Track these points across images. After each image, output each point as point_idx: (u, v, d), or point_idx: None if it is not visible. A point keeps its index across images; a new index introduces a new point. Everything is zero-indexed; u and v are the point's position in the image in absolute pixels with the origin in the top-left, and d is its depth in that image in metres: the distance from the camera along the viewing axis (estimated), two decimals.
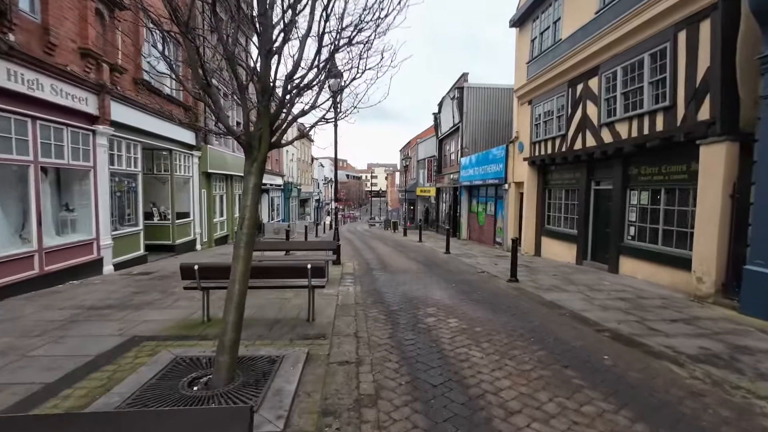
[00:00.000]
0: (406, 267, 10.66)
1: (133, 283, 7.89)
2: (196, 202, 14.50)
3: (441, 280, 8.72)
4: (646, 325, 5.31)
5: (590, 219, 10.77)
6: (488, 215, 18.63)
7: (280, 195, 29.95)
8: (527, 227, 13.77)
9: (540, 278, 8.92)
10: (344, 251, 14.58)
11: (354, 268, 10.20)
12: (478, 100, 21.20)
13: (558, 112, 11.70)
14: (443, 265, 11.21)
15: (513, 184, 14.99)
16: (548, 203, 13.09)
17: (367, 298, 6.90)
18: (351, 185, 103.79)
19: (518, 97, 14.17)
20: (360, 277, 8.92)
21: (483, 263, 11.46)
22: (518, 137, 14.45)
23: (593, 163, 10.45)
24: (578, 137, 10.64)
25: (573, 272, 9.79)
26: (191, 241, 14.13)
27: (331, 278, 8.51)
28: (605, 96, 9.50)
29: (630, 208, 9.21)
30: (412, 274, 9.41)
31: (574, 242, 11.31)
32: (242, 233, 3.44)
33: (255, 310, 5.77)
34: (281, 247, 8.84)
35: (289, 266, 5.26)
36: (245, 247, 3.43)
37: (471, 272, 9.89)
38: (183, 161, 13.53)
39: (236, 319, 3.34)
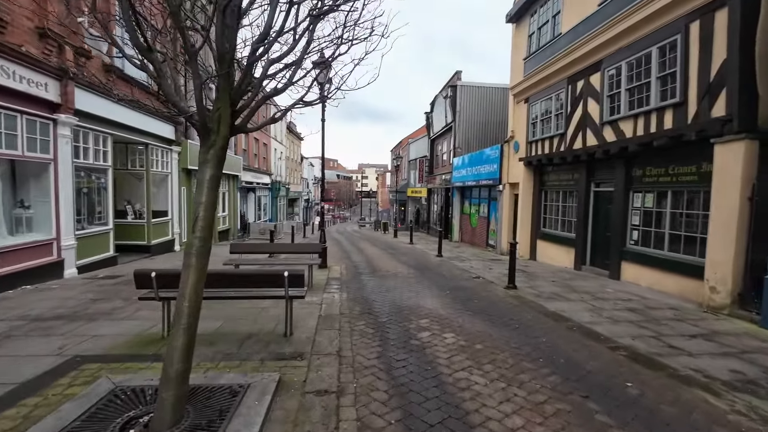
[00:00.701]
0: (397, 271, 10.04)
1: (94, 289, 7.12)
2: (175, 201, 13.68)
3: (434, 286, 8.12)
4: (665, 342, 4.77)
5: (589, 222, 10.29)
6: (481, 217, 18.13)
7: (268, 194, 29.11)
8: (522, 230, 13.27)
9: (539, 285, 8.38)
10: (332, 253, 13.91)
11: (341, 273, 9.55)
12: (472, 99, 20.71)
13: (557, 110, 11.21)
14: (435, 269, 10.62)
15: (508, 185, 14.49)
16: (544, 205, 12.60)
17: (353, 307, 6.25)
18: (341, 185, 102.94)
19: (514, 95, 13.68)
20: (347, 283, 8.27)
21: (477, 267, 10.89)
22: (514, 137, 13.95)
23: (594, 164, 9.97)
24: (578, 136, 10.15)
25: (573, 278, 9.27)
26: (169, 241, 13.31)
27: (316, 284, 7.86)
28: (608, 93, 9.02)
29: (633, 211, 8.73)
30: (403, 280, 8.79)
31: (572, 246, 10.82)
32: (194, 237, 2.78)
33: (225, 323, 5.09)
34: (262, 249, 8.14)
35: (263, 274, 4.59)
36: (198, 255, 2.77)
37: (465, 277, 9.31)
38: (161, 156, 12.72)
39: (186, 343, 2.67)
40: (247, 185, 23.43)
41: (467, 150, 20.38)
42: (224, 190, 19.20)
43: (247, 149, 23.22)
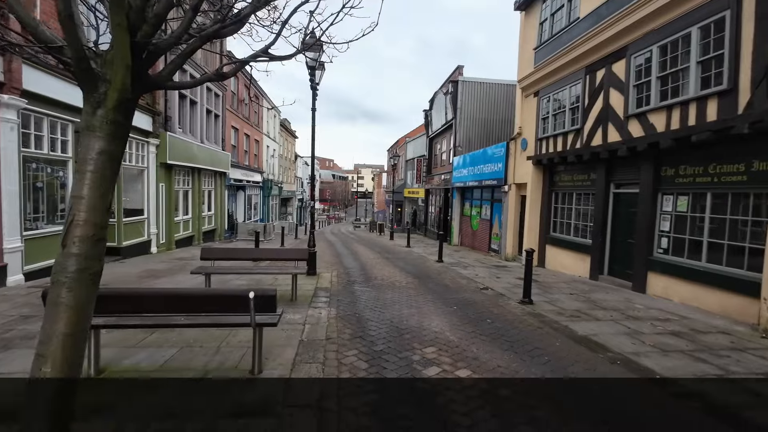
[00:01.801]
0: (395, 280, 8.96)
1: (34, 301, 5.97)
2: (152, 198, 12.51)
3: (438, 299, 7.05)
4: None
5: (608, 227, 9.28)
6: (483, 219, 17.11)
7: (259, 193, 27.91)
8: (530, 234, 12.25)
9: (557, 299, 7.34)
10: (323, 257, 12.80)
11: (332, 281, 8.45)
12: (474, 96, 19.70)
13: (572, 104, 10.20)
14: (437, 277, 9.55)
15: (514, 185, 13.46)
16: (555, 208, 11.58)
17: (344, 328, 5.16)
18: (337, 186, 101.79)
19: (522, 89, 12.66)
20: (337, 295, 7.17)
21: (483, 276, 9.84)
22: (521, 133, 12.94)
23: (614, 162, 8.96)
24: (597, 132, 9.14)
25: (592, 290, 8.25)
26: (144, 242, 12.13)
27: (301, 296, 6.77)
28: (635, 82, 8.01)
29: (662, 216, 7.72)
30: (402, 291, 7.71)
31: (587, 253, 9.81)
32: (67, 256, 1.67)
33: (179, 352, 3.98)
34: (239, 255, 7.03)
35: (221, 296, 3.50)
36: (74, 287, 1.66)
37: (471, 288, 8.25)
38: (135, 149, 11.55)
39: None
40: (237, 183, 22.25)
41: (468, 149, 19.36)
42: (211, 188, 18.03)
43: (237, 145, 22.04)
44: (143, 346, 4.17)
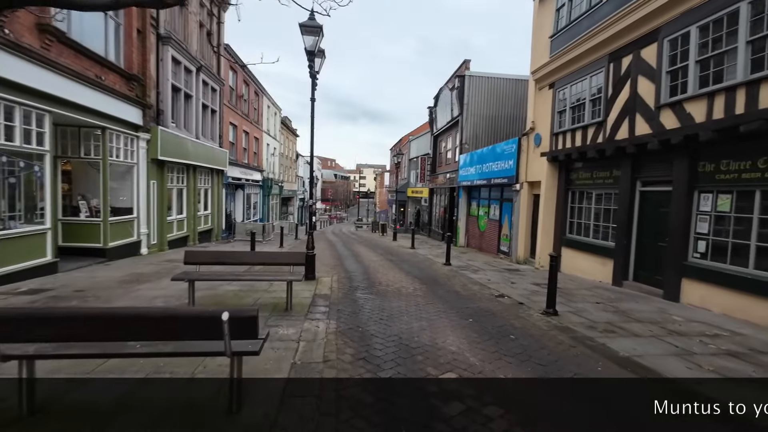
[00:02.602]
0: (400, 285, 8.20)
1: None
2: (143, 196, 11.79)
3: (450, 309, 6.29)
4: None
5: (633, 229, 8.50)
6: (491, 220, 16.33)
7: (259, 192, 27.19)
8: (544, 236, 11.48)
9: (582, 309, 6.57)
10: (323, 259, 12.06)
11: (332, 287, 7.71)
12: (481, 91, 18.92)
13: (592, 95, 9.42)
14: (446, 282, 8.80)
15: (526, 184, 12.69)
16: (571, 208, 10.80)
17: (344, 347, 4.40)
18: (339, 185, 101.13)
19: (536, 80, 11.89)
20: (338, 303, 6.43)
21: (496, 281, 9.08)
22: (534, 128, 12.16)
23: (642, 158, 8.19)
24: (622, 124, 8.36)
25: (619, 298, 7.47)
26: (133, 243, 11.41)
27: (297, 305, 6.03)
28: (668, 68, 7.23)
29: (699, 216, 6.95)
30: (409, 299, 6.96)
31: (609, 257, 9.03)
32: None
33: (141, 382, 3.24)
34: (228, 259, 6.28)
35: (188, 317, 2.74)
36: None
37: (486, 296, 7.49)
38: (123, 144, 10.83)
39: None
40: (235, 182, 21.54)
41: (475, 146, 18.59)
42: (207, 186, 17.31)
43: (235, 142, 21.34)
44: (100, 373, 3.43)
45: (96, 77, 9.32)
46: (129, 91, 10.79)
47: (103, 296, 6.42)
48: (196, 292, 6.61)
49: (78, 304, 5.86)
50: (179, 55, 13.48)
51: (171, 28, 13.12)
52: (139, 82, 11.25)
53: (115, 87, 10.05)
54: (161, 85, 12.54)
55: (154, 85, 12.13)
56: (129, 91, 10.79)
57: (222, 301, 6.27)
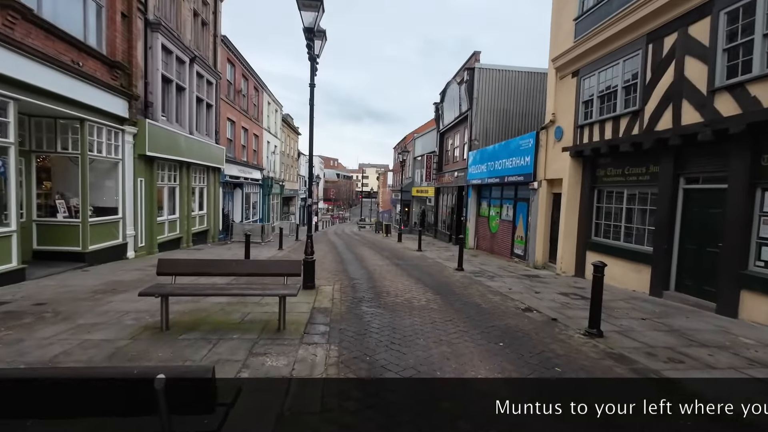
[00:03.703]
0: (411, 296, 7.23)
1: None
2: (129, 195, 10.88)
3: (473, 328, 5.31)
4: None
5: (675, 231, 7.49)
6: (503, 221, 15.32)
7: (259, 191, 26.27)
8: (566, 239, 10.46)
9: (629, 327, 5.58)
10: (324, 263, 11.11)
11: (333, 298, 6.74)
12: (492, 85, 17.91)
13: (625, 81, 8.40)
14: (462, 292, 7.81)
15: (545, 181, 11.67)
16: (598, 208, 9.79)
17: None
18: (341, 185, 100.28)
19: (557, 69, 10.87)
20: (340, 321, 5.45)
21: (518, 290, 8.08)
22: (555, 121, 11.15)
23: (686, 151, 7.18)
24: (665, 112, 7.35)
25: (664, 313, 6.47)
26: (118, 246, 10.49)
27: (292, 323, 5.08)
28: (726, 45, 6.21)
29: (762, 219, 5.93)
30: (423, 314, 5.98)
31: (645, 263, 8.02)
32: None
33: None
34: (210, 269, 5.31)
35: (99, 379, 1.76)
36: None
37: (511, 310, 6.50)
38: (106, 138, 9.90)
39: None
40: (233, 180, 20.63)
41: (485, 143, 17.59)
42: (202, 185, 16.40)
43: (233, 139, 20.42)
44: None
45: (72, 63, 8.39)
46: (112, 80, 9.86)
47: (64, 311, 5.48)
48: (175, 305, 5.67)
49: (30, 322, 4.91)
50: (170, 43, 12.55)
51: (161, 15, 12.19)
52: (124, 71, 10.32)
53: (95, 75, 9.12)
54: (150, 75, 11.61)
55: (141, 74, 11.20)
56: (112, 80, 9.86)
57: (205, 318, 5.32)
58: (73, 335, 4.52)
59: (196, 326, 4.98)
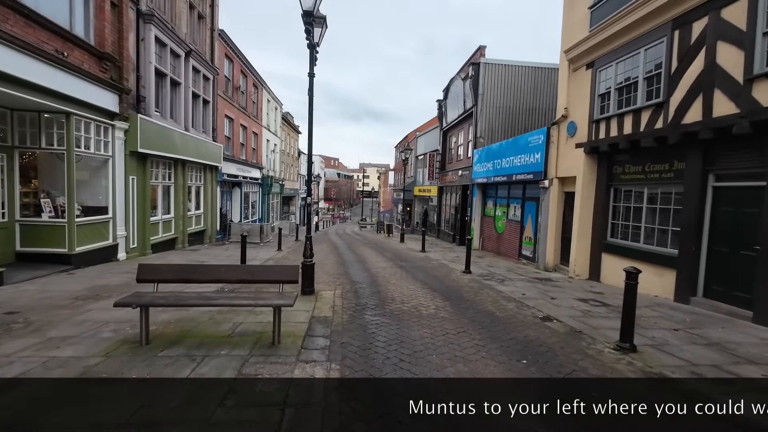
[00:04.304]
0: (419, 303, 6.69)
1: None
2: (120, 193, 10.36)
3: (491, 342, 4.76)
4: None
5: (704, 233, 6.94)
6: (510, 221, 14.77)
7: (258, 190, 25.75)
8: (580, 240, 9.91)
9: (663, 340, 5.02)
10: (325, 265, 10.57)
11: (334, 305, 6.20)
12: (498, 80, 17.34)
13: (647, 72, 7.84)
14: (473, 298, 7.27)
15: (556, 180, 11.12)
16: (615, 207, 9.24)
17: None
18: (342, 184, 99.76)
19: (570, 60, 10.31)
20: (342, 332, 4.91)
21: (532, 296, 7.54)
22: (567, 116, 10.59)
23: (717, 145, 6.62)
24: (694, 103, 6.79)
25: (697, 322, 5.91)
26: (108, 247, 9.97)
27: (287, 335, 4.55)
28: (766, 28, 5.66)
29: None
30: (433, 323, 5.44)
31: (669, 267, 7.47)
32: None
33: None
34: (196, 276, 4.76)
35: None
36: None
37: (528, 319, 5.95)
38: (94, 133, 9.38)
39: None
40: (231, 179, 20.11)
41: (491, 140, 17.04)
42: (199, 183, 15.87)
43: (232, 137, 19.89)
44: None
45: (56, 53, 7.86)
46: (101, 73, 9.33)
47: (37, 321, 4.95)
48: (161, 314, 5.15)
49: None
50: (164, 36, 12.02)
51: (155, 6, 11.65)
52: (114, 63, 9.79)
53: (82, 66, 8.59)
54: (142, 68, 11.08)
55: (133, 67, 10.67)
56: (101, 73, 9.33)
57: (191, 329, 4.78)
58: (40, 351, 3.99)
59: (181, 339, 4.45)
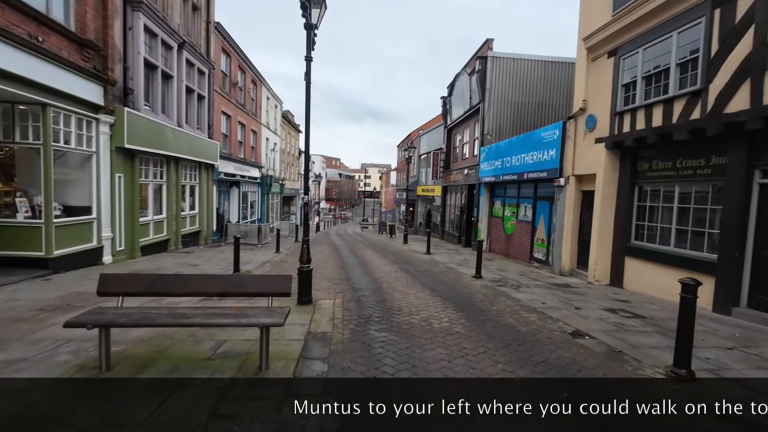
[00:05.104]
0: (429, 314, 5.95)
1: None
2: (105, 192, 9.64)
3: (517, 365, 4.03)
4: None
5: (749, 235, 6.18)
6: (521, 221, 14.02)
7: (257, 190, 25.04)
8: (600, 243, 9.16)
9: (721, 362, 4.28)
10: (325, 269, 9.83)
11: (334, 319, 5.47)
12: (506, 75, 16.59)
13: (681, 57, 7.10)
14: (489, 308, 6.53)
15: (573, 177, 10.37)
16: (640, 207, 8.49)
17: None
18: (343, 185, 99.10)
19: (589, 49, 9.56)
20: (342, 355, 4.18)
21: (552, 305, 6.79)
22: (585, 109, 9.84)
23: (763, 137, 5.87)
24: (738, 91, 6.04)
25: (748, 338, 5.16)
26: (92, 250, 9.27)
27: (279, 357, 3.82)
28: None
29: None
30: (448, 341, 4.70)
31: (706, 273, 6.69)
32: None
33: None
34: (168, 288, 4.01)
35: None
36: None
37: (556, 335, 5.21)
38: (76, 127, 8.67)
39: None
40: (229, 178, 19.40)
41: (499, 137, 16.30)
42: (194, 182, 15.17)
43: (229, 134, 19.18)
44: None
45: (29, 37, 7.16)
46: (83, 61, 8.62)
47: None
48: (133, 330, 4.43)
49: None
50: (155, 25, 11.31)
51: None
52: (98, 52, 9.09)
53: (60, 53, 7.88)
54: (131, 58, 10.37)
55: (120, 57, 9.96)
56: (83, 61, 8.62)
57: (166, 349, 4.06)
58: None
59: (152, 363, 3.74)
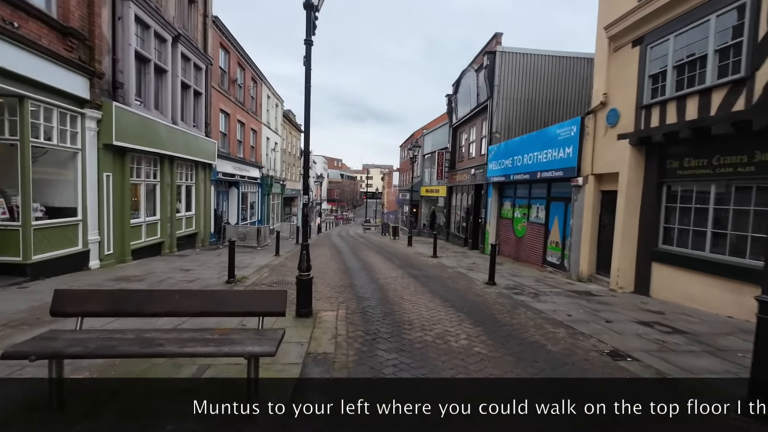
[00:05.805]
0: (444, 329, 5.28)
1: None
2: (92, 193, 9.02)
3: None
4: None
5: None
6: (533, 223, 13.34)
7: (257, 191, 24.42)
8: (623, 247, 8.48)
9: None
10: (326, 275, 9.17)
11: (336, 334, 4.81)
12: (515, 71, 15.92)
13: (720, 43, 6.43)
14: (509, 321, 5.86)
15: (592, 177, 9.69)
16: (668, 209, 7.81)
17: None
18: (345, 185, 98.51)
19: (611, 38, 8.89)
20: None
21: (581, 319, 6.12)
22: (606, 102, 9.17)
23: None
24: None
25: None
26: (78, 254, 8.64)
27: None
28: None
29: None
30: (471, 366, 4.04)
31: (750, 282, 6.01)
32: None
33: None
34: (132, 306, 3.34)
35: None
36: None
37: (591, 355, 4.54)
38: (58, 122, 8.05)
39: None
40: (227, 178, 18.78)
41: (508, 135, 15.64)
42: (191, 182, 14.55)
43: (228, 133, 18.57)
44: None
45: (3, 22, 6.54)
46: (66, 51, 8.00)
47: None
48: None
49: None
50: (147, 16, 10.70)
51: None
52: (83, 42, 8.47)
53: (39, 41, 7.27)
54: (120, 50, 9.75)
55: (108, 49, 9.35)
56: (66, 51, 8.00)
57: (141, 373, 3.41)
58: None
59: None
